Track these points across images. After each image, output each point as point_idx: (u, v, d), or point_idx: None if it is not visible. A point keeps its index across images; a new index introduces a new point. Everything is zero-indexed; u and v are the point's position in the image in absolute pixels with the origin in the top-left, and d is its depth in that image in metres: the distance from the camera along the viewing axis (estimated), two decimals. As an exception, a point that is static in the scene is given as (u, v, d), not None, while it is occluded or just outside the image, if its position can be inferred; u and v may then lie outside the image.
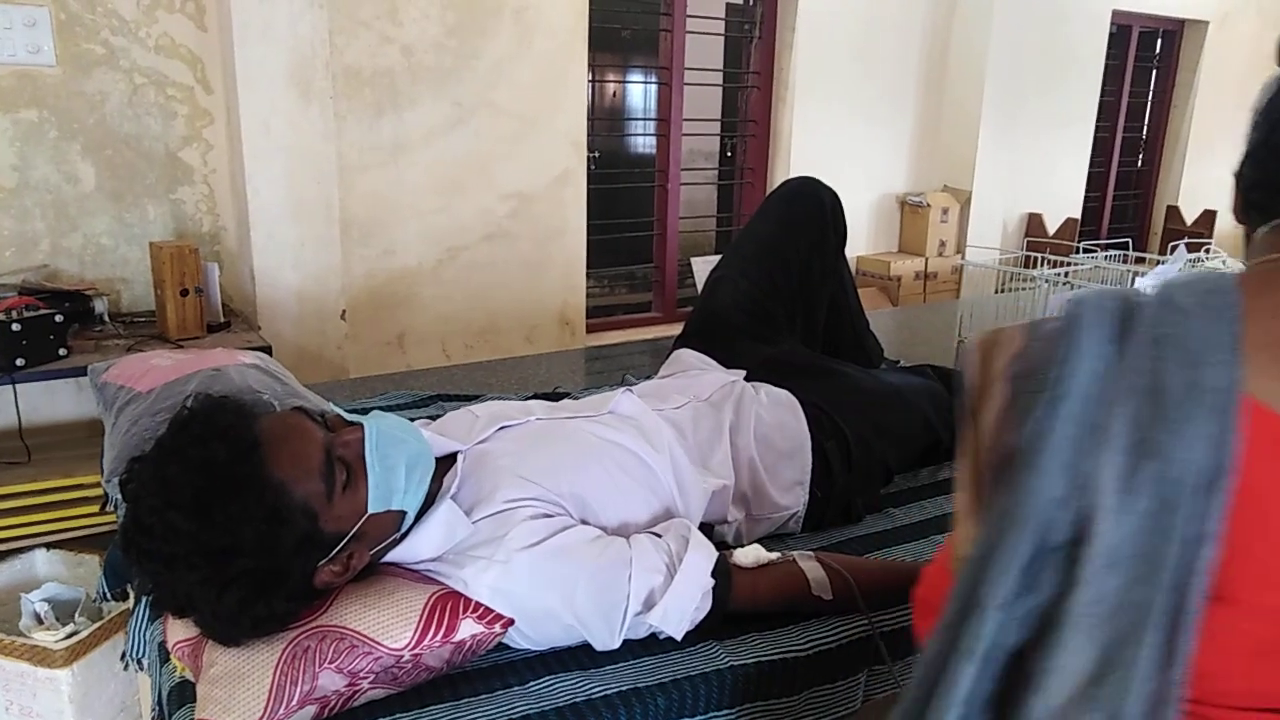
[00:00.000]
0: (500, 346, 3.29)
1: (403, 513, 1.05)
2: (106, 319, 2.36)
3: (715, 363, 1.57)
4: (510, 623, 1.02)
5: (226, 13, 2.47)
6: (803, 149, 4.09)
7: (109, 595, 1.44)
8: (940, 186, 4.63)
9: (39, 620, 1.89)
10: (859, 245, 4.46)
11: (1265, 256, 0.65)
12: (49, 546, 2.12)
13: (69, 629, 1.84)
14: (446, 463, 1.15)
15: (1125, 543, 0.55)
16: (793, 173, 3.94)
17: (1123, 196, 5.87)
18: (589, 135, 3.42)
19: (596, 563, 1.04)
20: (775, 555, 1.14)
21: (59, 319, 2.09)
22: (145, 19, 2.49)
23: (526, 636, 1.05)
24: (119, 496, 1.04)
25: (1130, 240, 2.73)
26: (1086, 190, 5.29)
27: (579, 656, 1.06)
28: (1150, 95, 5.79)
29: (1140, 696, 0.54)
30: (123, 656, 1.28)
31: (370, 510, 1.01)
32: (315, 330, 2.74)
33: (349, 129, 2.87)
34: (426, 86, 2.99)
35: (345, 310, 2.80)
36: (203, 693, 0.95)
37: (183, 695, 1.01)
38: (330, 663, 0.94)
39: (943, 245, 4.51)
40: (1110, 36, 5.10)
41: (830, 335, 1.79)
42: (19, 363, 2.02)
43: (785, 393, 1.45)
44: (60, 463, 2.20)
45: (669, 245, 3.95)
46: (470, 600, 1.01)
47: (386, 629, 0.96)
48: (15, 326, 2.00)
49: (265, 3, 2.47)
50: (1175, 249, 2.30)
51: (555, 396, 1.82)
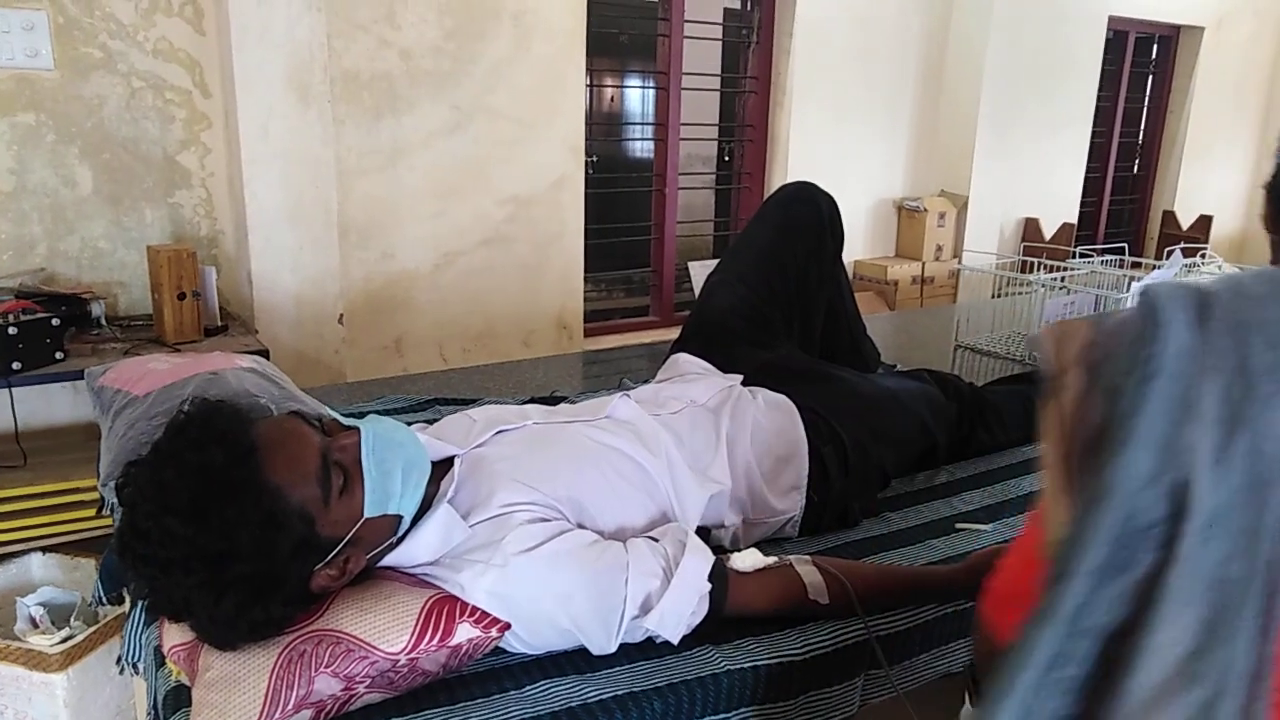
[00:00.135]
0: (497, 350, 3.29)
1: (399, 517, 1.05)
2: (103, 322, 2.35)
3: (712, 367, 1.57)
4: (507, 627, 1.02)
5: (225, 16, 2.47)
6: (800, 154, 4.10)
7: (105, 599, 1.44)
8: (937, 191, 4.64)
9: (34, 624, 1.89)
10: (856, 250, 4.47)
11: None
12: (45, 550, 2.12)
13: (64, 633, 1.84)
14: (443, 467, 1.15)
15: (1222, 515, 0.56)
16: (790, 177, 3.95)
17: (1119, 201, 5.88)
18: (587, 140, 3.42)
19: (593, 567, 1.04)
20: (772, 560, 1.14)
21: (56, 322, 2.09)
22: (143, 23, 2.49)
23: (523, 640, 1.05)
24: (115, 500, 1.04)
25: (1126, 245, 2.74)
26: (1083, 195, 5.30)
27: (575, 660, 1.06)
28: (1146, 100, 5.81)
29: (1240, 672, 0.55)
30: (118, 661, 1.28)
31: (367, 514, 1.01)
32: (313, 334, 2.73)
33: (347, 133, 2.87)
34: (425, 90, 3.00)
35: (343, 314, 2.80)
36: (198, 697, 0.95)
37: (178, 700, 1.01)
38: (326, 667, 0.94)
39: (939, 250, 4.52)
40: (1106, 42, 5.11)
41: (827, 340, 1.79)
42: (15, 366, 2.01)
43: (782, 397, 1.45)
44: (56, 466, 2.19)
45: (666, 250, 3.96)
46: (467, 604, 1.01)
47: (383, 633, 0.96)
48: (12, 330, 2.00)
49: (263, 6, 2.48)
50: (1171, 254, 2.30)
51: (552, 401, 1.83)
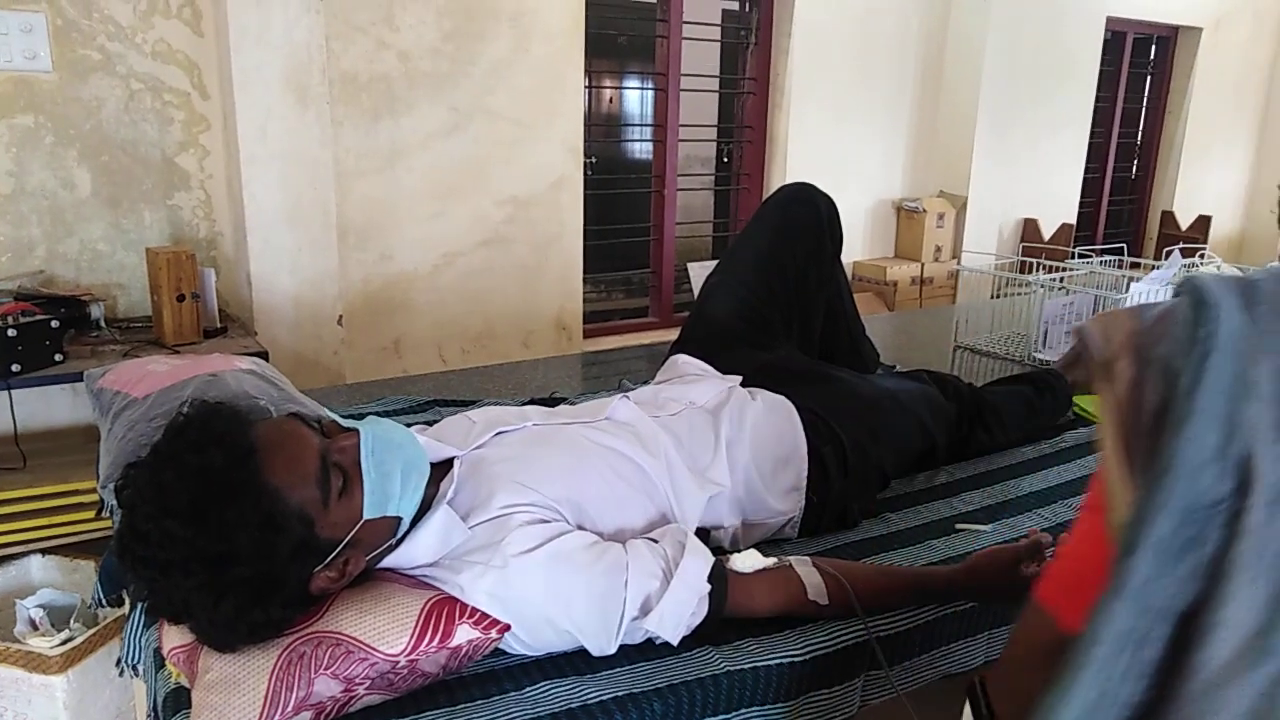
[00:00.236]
0: (497, 352, 3.29)
1: (398, 518, 1.05)
2: (103, 324, 2.35)
3: (711, 369, 1.57)
4: (506, 628, 1.02)
5: (223, 18, 2.47)
6: (799, 154, 4.10)
7: (104, 601, 1.44)
8: (936, 192, 4.64)
9: (34, 626, 1.89)
10: (855, 250, 4.47)
11: None
12: (44, 552, 2.12)
13: (64, 635, 1.83)
14: (443, 468, 1.15)
15: None
16: (789, 178, 3.95)
17: (1118, 202, 5.89)
18: (586, 141, 3.42)
19: (593, 568, 1.04)
20: (771, 560, 1.14)
21: (55, 324, 2.09)
22: (142, 24, 2.49)
23: (523, 642, 1.05)
24: (114, 502, 1.04)
25: (1125, 245, 2.74)
26: (1082, 196, 5.31)
27: (575, 662, 1.06)
28: (1145, 101, 5.81)
29: None
30: (118, 663, 1.28)
31: (366, 516, 1.01)
32: (312, 335, 2.73)
33: (346, 134, 2.87)
34: (423, 92, 3.00)
35: (342, 315, 2.80)
36: (198, 699, 0.95)
37: (178, 701, 1.01)
38: (326, 669, 0.94)
39: (938, 250, 4.52)
40: (1105, 43, 5.12)
41: (826, 341, 1.79)
42: (15, 368, 2.01)
43: (781, 398, 1.45)
44: (56, 468, 2.19)
45: (666, 250, 3.96)
46: (466, 606, 1.01)
47: (382, 634, 0.96)
48: (11, 332, 2.00)
49: (262, 8, 2.48)
50: (1170, 254, 2.31)
51: (552, 402, 1.83)
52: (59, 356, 2.10)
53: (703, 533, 1.26)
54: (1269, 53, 6.02)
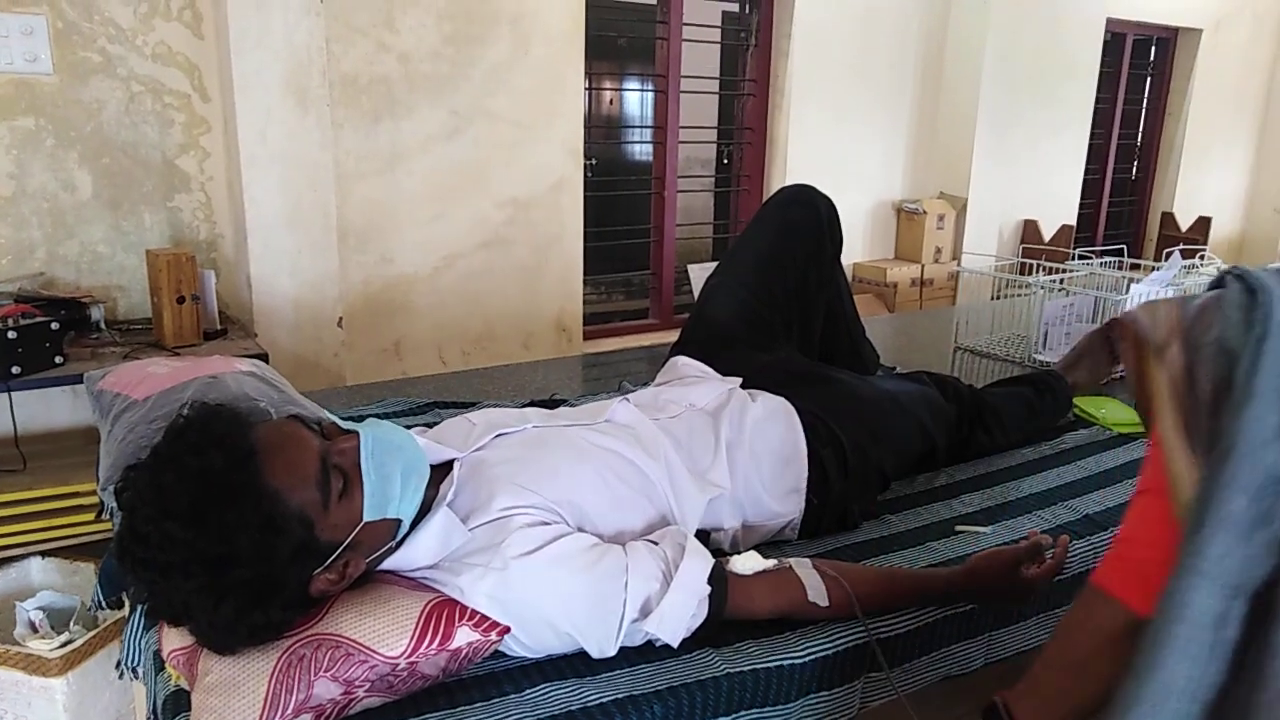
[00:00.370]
0: (497, 353, 3.29)
1: (398, 520, 1.05)
2: (103, 326, 2.35)
3: (711, 370, 1.57)
4: (506, 630, 1.02)
5: (223, 20, 2.47)
6: (799, 156, 4.10)
7: (104, 603, 1.44)
8: (936, 193, 4.64)
9: (34, 629, 1.89)
10: (855, 252, 4.47)
11: None
12: (44, 554, 2.12)
13: (64, 637, 1.83)
14: (443, 470, 1.15)
15: None
16: (789, 180, 3.94)
17: (1118, 203, 5.89)
18: (586, 143, 3.42)
19: (593, 570, 1.04)
20: (771, 562, 1.14)
21: (55, 326, 2.09)
22: (142, 27, 2.49)
23: (523, 644, 1.05)
24: (114, 504, 1.04)
25: (1125, 247, 2.74)
26: (1082, 197, 5.31)
27: (575, 664, 1.06)
28: (1145, 102, 5.81)
29: None
30: (118, 665, 1.28)
31: (366, 518, 1.01)
32: (312, 337, 2.73)
33: (346, 137, 2.87)
34: (423, 94, 3.00)
35: (342, 317, 2.80)
36: (198, 702, 0.95)
37: (178, 704, 1.01)
38: (326, 671, 0.93)
39: (939, 252, 4.52)
40: (1105, 44, 5.12)
41: (826, 342, 1.79)
42: (15, 370, 2.01)
43: (781, 400, 1.45)
44: (56, 470, 2.19)
45: (666, 252, 3.96)
46: (466, 608, 1.01)
47: (382, 637, 0.96)
48: (11, 334, 2.00)
49: (262, 10, 2.48)
50: (1170, 255, 2.30)
51: (552, 404, 1.83)
52: (59, 358, 2.10)
53: (703, 535, 1.26)
54: (1269, 54, 6.02)
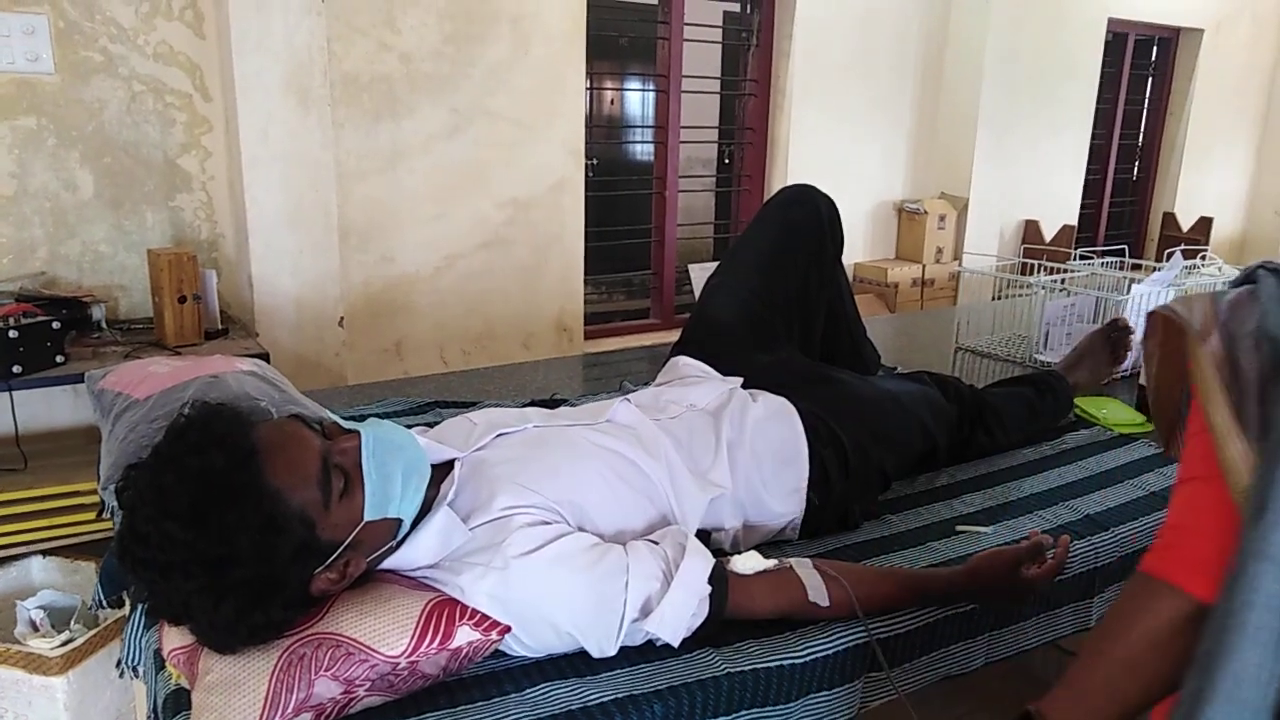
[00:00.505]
0: (498, 353, 3.29)
1: (399, 520, 1.05)
2: (104, 326, 2.35)
3: (712, 370, 1.57)
4: (507, 629, 1.02)
5: (225, 20, 2.47)
6: (800, 156, 4.10)
7: (105, 602, 1.44)
8: (937, 193, 4.64)
9: (34, 627, 1.89)
10: (856, 252, 4.47)
11: None
12: (45, 553, 2.12)
13: (64, 636, 1.84)
14: (443, 469, 1.15)
15: None
16: (790, 180, 3.95)
17: (1119, 203, 5.88)
18: (587, 142, 3.42)
19: (594, 570, 1.04)
20: (772, 562, 1.14)
21: (56, 326, 2.09)
22: (144, 26, 2.49)
23: (523, 643, 1.05)
24: (115, 504, 1.04)
25: (1126, 247, 2.73)
26: (1083, 197, 5.31)
27: (576, 663, 1.06)
28: (1146, 102, 5.81)
29: None
30: (118, 664, 1.28)
31: (367, 518, 1.01)
32: (313, 337, 2.74)
33: (347, 136, 2.87)
34: (424, 94, 3.00)
35: (343, 317, 2.81)
36: (198, 701, 0.95)
37: (178, 703, 1.01)
38: (326, 670, 0.94)
39: (940, 252, 4.52)
40: (1106, 44, 5.11)
41: (827, 342, 1.79)
42: (16, 369, 2.02)
43: (782, 400, 1.45)
44: (57, 470, 2.19)
45: (667, 252, 3.96)
46: (467, 607, 1.01)
47: (383, 636, 0.96)
48: (12, 333, 2.00)
49: (263, 10, 2.48)
50: (1171, 256, 2.30)
51: (553, 404, 1.83)
52: (60, 358, 2.10)
53: (704, 535, 1.26)
54: (1270, 55, 6.02)
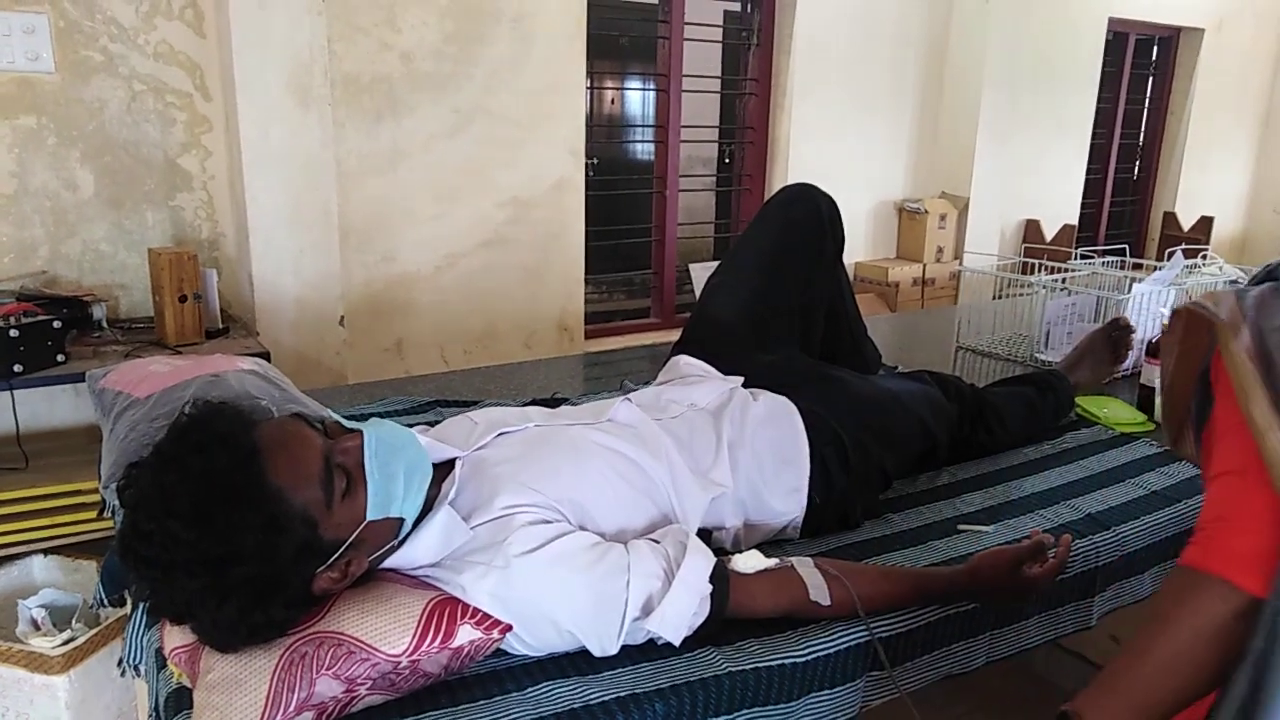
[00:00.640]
0: (499, 352, 3.29)
1: (401, 519, 1.05)
2: (105, 325, 2.35)
3: (713, 369, 1.57)
4: (508, 628, 1.02)
5: (225, 19, 2.47)
6: (801, 155, 4.10)
7: (106, 601, 1.44)
8: (938, 193, 4.64)
9: (36, 626, 1.89)
10: (857, 251, 4.47)
11: None
12: (46, 552, 2.12)
13: (66, 635, 1.84)
14: (445, 469, 1.15)
15: None
16: (791, 179, 3.94)
17: (1120, 203, 5.88)
18: (588, 142, 3.42)
19: (595, 569, 1.04)
20: (773, 561, 1.14)
21: (57, 325, 2.10)
22: (144, 26, 2.49)
23: (525, 642, 1.05)
24: (117, 503, 1.04)
25: (1127, 246, 2.74)
26: (1083, 197, 5.31)
27: (577, 662, 1.06)
28: (1147, 102, 5.81)
29: None
30: (120, 663, 1.28)
31: (369, 517, 1.01)
32: (314, 336, 2.74)
33: (348, 136, 2.87)
34: (425, 93, 3.00)
35: (344, 316, 2.81)
36: (200, 699, 0.95)
37: (180, 702, 1.01)
38: (328, 669, 0.94)
39: (940, 251, 4.52)
40: (1106, 44, 5.11)
41: (828, 342, 1.79)
42: (17, 369, 2.02)
43: (783, 399, 1.45)
44: (58, 468, 2.19)
45: (667, 251, 3.96)
46: (468, 606, 1.01)
47: (384, 635, 0.96)
48: (13, 332, 2.00)
49: (264, 10, 2.48)
50: (1172, 255, 2.30)
51: (554, 403, 1.83)
52: (61, 357, 2.10)
53: (705, 534, 1.26)
54: (1271, 54, 6.02)
